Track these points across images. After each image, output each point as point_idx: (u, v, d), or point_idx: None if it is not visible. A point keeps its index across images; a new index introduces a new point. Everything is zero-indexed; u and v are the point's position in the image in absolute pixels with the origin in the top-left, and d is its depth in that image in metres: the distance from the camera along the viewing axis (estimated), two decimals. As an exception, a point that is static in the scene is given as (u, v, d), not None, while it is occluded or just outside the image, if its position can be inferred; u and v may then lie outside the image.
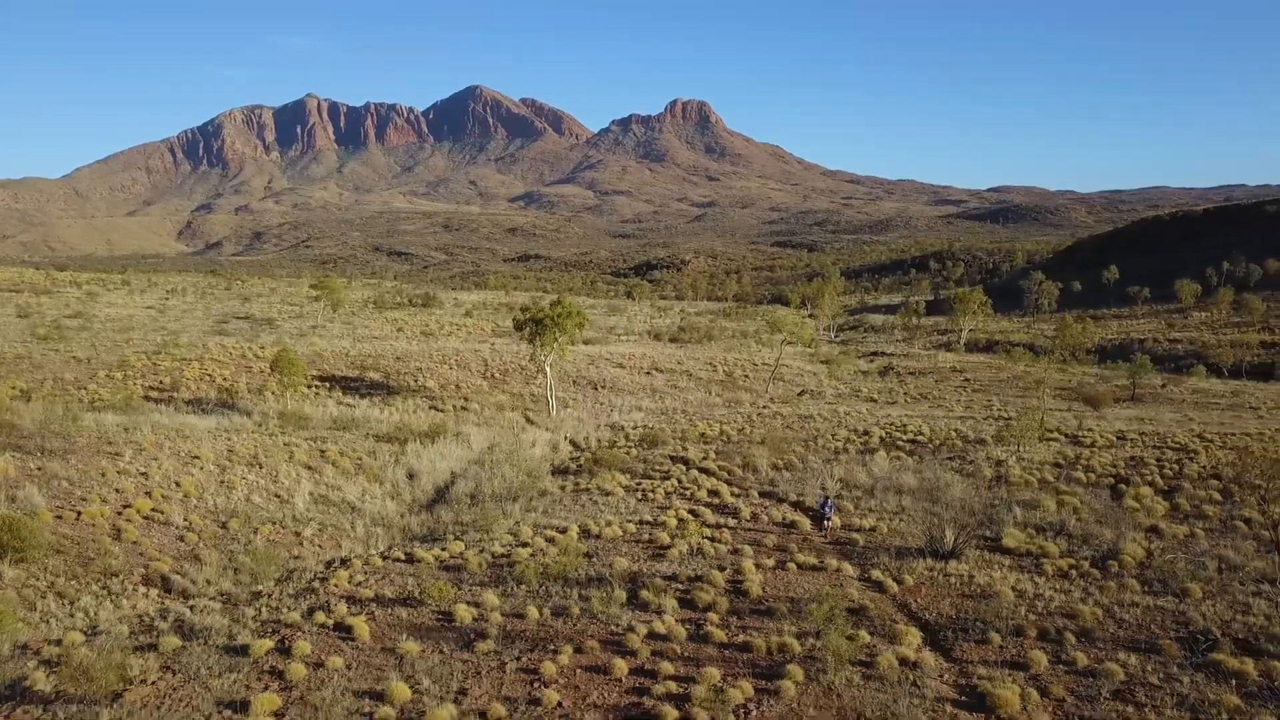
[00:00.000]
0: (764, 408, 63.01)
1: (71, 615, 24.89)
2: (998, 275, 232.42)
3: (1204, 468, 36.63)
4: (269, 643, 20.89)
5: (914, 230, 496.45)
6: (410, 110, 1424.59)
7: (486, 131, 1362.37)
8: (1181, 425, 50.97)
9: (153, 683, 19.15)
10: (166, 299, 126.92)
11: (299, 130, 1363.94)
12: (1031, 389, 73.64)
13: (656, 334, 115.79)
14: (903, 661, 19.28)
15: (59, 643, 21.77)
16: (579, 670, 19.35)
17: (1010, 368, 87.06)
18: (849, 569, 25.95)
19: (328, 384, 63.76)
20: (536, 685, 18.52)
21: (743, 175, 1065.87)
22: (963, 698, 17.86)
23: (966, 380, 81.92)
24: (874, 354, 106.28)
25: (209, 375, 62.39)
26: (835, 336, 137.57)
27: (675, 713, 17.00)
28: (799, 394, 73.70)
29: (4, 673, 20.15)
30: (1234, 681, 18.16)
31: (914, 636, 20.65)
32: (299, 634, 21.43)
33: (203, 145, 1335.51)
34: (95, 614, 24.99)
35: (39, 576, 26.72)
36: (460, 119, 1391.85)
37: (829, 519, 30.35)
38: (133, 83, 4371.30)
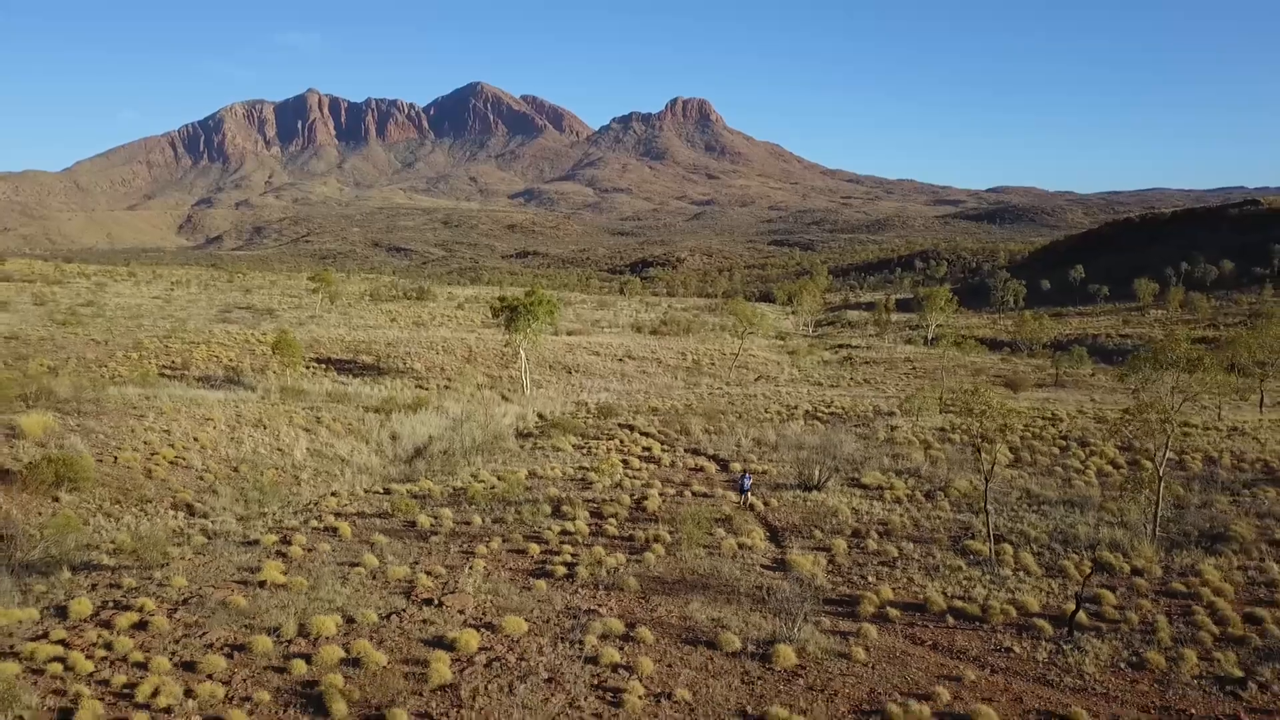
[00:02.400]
0: (717, 389, 69.82)
1: (118, 529, 31.69)
2: (979, 274, 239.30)
3: (1059, 432, 43.44)
4: (274, 537, 27.76)
5: (910, 230, 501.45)
6: (411, 106, 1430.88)
7: (487, 128, 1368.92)
8: (1076, 404, 57.76)
9: (188, 559, 26.00)
10: (171, 290, 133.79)
11: (300, 125, 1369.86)
12: (972, 375, 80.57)
13: (639, 327, 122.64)
14: (741, 546, 26.17)
15: (114, 541, 28.63)
16: (504, 552, 26.20)
17: (959, 358, 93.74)
18: (732, 496, 32.79)
19: (324, 365, 70.55)
20: (470, 559, 25.37)
21: (742, 174, 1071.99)
22: (772, 564, 24.75)
23: (914, 368, 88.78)
24: (840, 346, 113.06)
25: (216, 356, 69.13)
26: (813, 331, 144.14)
27: (565, 570, 23.89)
28: (755, 379, 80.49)
29: (77, 557, 27.05)
30: (969, 556, 25.07)
31: (759, 534, 27.51)
32: (297, 532, 28.31)
33: (203, 140, 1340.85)
34: (136, 527, 31.79)
35: (89, 502, 33.59)
36: (461, 115, 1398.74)
37: (747, 490, 33.03)
38: (134, 77, 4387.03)
